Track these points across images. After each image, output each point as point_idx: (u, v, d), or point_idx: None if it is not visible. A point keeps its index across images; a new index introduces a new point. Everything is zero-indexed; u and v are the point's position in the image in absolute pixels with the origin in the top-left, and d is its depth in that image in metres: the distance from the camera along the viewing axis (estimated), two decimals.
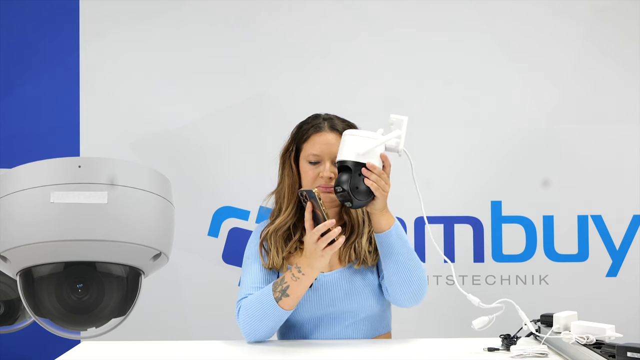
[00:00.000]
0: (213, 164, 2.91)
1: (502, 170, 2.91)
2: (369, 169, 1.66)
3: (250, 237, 1.92)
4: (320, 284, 1.81)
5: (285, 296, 1.70)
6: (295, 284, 1.70)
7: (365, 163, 1.65)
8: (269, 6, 2.93)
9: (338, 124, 1.86)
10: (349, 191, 1.66)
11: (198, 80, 2.92)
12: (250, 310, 1.74)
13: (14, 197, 2.03)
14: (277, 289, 1.72)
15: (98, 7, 2.92)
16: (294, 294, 1.70)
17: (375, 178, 1.66)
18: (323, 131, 1.84)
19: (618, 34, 2.92)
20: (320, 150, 1.82)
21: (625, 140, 2.91)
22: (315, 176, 1.82)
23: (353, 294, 1.81)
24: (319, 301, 1.81)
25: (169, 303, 2.87)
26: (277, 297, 1.71)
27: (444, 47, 2.92)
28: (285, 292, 1.70)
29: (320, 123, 1.86)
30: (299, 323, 1.84)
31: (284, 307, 1.71)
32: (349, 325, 1.82)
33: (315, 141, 1.83)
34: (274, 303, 1.71)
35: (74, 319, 2.11)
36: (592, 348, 1.52)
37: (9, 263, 2.08)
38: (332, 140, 1.82)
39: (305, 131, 1.86)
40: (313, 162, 1.83)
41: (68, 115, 2.90)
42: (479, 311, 1.68)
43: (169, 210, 2.20)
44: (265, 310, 1.72)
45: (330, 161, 1.81)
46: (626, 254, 2.88)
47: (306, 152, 1.84)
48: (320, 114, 1.92)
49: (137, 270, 2.16)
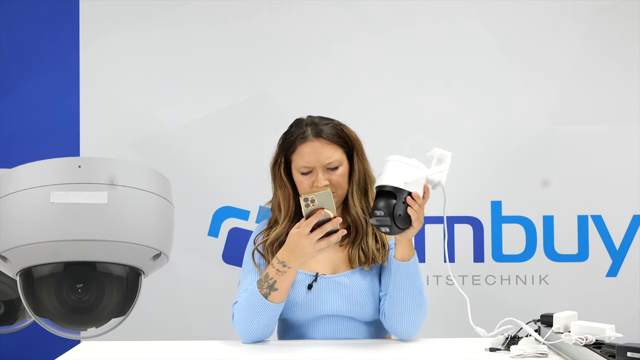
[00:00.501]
0: (213, 164, 2.91)
1: (502, 170, 2.91)
2: (414, 199, 1.62)
3: (250, 238, 1.92)
4: (323, 286, 1.80)
5: (273, 290, 1.70)
6: (281, 278, 1.69)
7: (410, 192, 1.62)
8: (269, 6, 2.93)
9: (322, 129, 1.82)
10: (390, 217, 1.62)
11: (198, 80, 2.92)
12: (241, 312, 1.74)
13: (14, 197, 2.03)
14: (263, 286, 1.71)
15: (98, 7, 2.92)
16: (282, 287, 1.70)
17: (417, 208, 1.62)
18: (309, 140, 1.80)
19: (618, 34, 2.92)
20: (309, 161, 1.79)
21: (625, 140, 2.91)
22: (310, 185, 1.80)
23: (354, 299, 1.80)
24: (319, 304, 1.80)
25: (168, 303, 2.87)
26: (265, 294, 1.70)
27: (444, 47, 2.92)
28: (272, 287, 1.70)
29: (305, 131, 1.82)
30: (297, 324, 1.84)
31: (274, 301, 1.71)
32: (347, 329, 1.82)
33: (303, 152, 1.80)
34: (263, 300, 1.70)
35: (74, 319, 2.10)
36: (592, 348, 1.52)
37: (9, 263, 2.08)
38: (319, 149, 1.79)
39: (292, 143, 1.83)
40: (305, 173, 1.81)
41: (68, 115, 2.90)
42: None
43: (169, 210, 2.20)
44: (256, 309, 1.71)
45: (321, 169, 1.79)
46: (626, 254, 2.88)
47: (297, 164, 1.82)
48: (303, 119, 1.88)
49: (137, 270, 2.15)
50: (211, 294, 2.88)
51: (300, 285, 1.80)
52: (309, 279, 1.81)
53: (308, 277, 1.81)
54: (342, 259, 1.84)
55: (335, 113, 2.03)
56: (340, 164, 1.81)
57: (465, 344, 1.69)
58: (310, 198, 1.62)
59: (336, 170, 1.81)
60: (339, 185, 1.81)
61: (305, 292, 1.80)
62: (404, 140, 2.84)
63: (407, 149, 1.72)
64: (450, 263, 2.89)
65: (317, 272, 1.82)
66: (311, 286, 1.80)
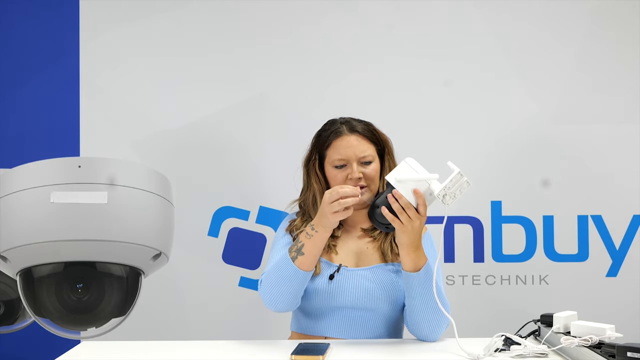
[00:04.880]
0: (213, 164, 2.91)
1: (502, 170, 2.91)
2: (394, 196, 1.66)
3: (282, 224, 1.99)
4: (344, 278, 1.84)
5: (300, 254, 1.74)
6: (309, 242, 1.75)
7: (393, 188, 1.66)
8: (269, 6, 2.93)
9: (356, 125, 1.91)
10: (371, 204, 1.71)
11: (198, 80, 2.92)
12: (269, 277, 1.79)
13: (14, 197, 2.03)
14: (292, 249, 1.77)
15: (98, 7, 2.92)
16: (309, 252, 1.75)
17: (397, 207, 1.66)
18: (343, 135, 1.88)
19: (618, 34, 2.92)
20: (345, 154, 1.86)
21: (625, 140, 2.91)
22: (344, 179, 1.86)
23: (373, 294, 1.83)
24: (338, 295, 1.83)
25: (168, 303, 2.88)
26: (293, 257, 1.75)
27: (444, 47, 2.92)
28: (300, 250, 1.75)
29: (339, 127, 1.90)
30: (315, 313, 1.87)
31: (300, 267, 1.75)
32: (362, 322, 1.84)
33: (338, 146, 1.88)
34: (291, 263, 1.75)
35: (74, 319, 2.10)
36: (592, 348, 1.52)
37: (9, 263, 2.07)
38: (354, 142, 1.87)
39: (326, 138, 1.91)
40: (339, 166, 1.87)
41: (68, 115, 2.90)
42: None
43: (169, 210, 2.19)
44: (283, 273, 1.76)
45: (356, 162, 1.86)
46: (626, 254, 2.89)
47: (331, 158, 1.89)
48: (336, 119, 1.96)
49: (137, 270, 2.15)
50: (211, 294, 2.88)
51: (323, 275, 1.85)
52: (332, 270, 1.85)
53: (331, 267, 1.86)
54: (370, 253, 1.89)
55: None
56: (373, 160, 1.89)
57: (465, 343, 1.69)
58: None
59: (370, 165, 1.88)
60: (372, 180, 1.88)
61: (327, 281, 1.84)
62: (404, 140, 2.82)
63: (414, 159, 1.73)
64: (451, 263, 2.89)
65: (340, 264, 1.86)
66: (333, 276, 1.84)
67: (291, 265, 1.75)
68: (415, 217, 1.66)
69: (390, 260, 1.87)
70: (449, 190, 1.63)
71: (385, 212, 1.66)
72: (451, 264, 2.88)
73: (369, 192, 1.88)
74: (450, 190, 1.63)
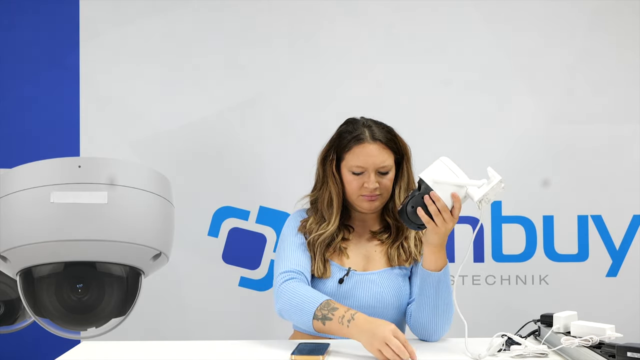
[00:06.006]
0: (213, 164, 2.91)
1: (502, 171, 2.89)
2: (432, 199, 1.63)
3: (288, 221, 1.95)
4: (354, 281, 1.85)
5: (322, 323, 1.69)
6: (336, 327, 1.67)
7: (431, 190, 1.63)
8: (269, 6, 2.93)
9: (378, 132, 1.86)
10: (403, 206, 1.66)
11: (198, 80, 2.92)
12: (290, 299, 1.74)
13: (14, 197, 2.03)
14: (323, 309, 1.69)
15: (98, 7, 2.92)
16: (329, 330, 1.69)
17: (433, 210, 1.63)
18: (365, 142, 1.85)
19: (618, 34, 2.92)
20: (364, 162, 1.84)
21: (625, 140, 2.91)
22: (359, 186, 1.85)
23: (381, 298, 1.84)
24: (347, 298, 1.84)
25: (168, 303, 2.88)
26: (316, 316, 1.69)
27: (444, 47, 2.92)
28: (325, 320, 1.69)
29: (362, 133, 1.86)
30: None
31: (314, 326, 1.71)
32: None
33: (359, 152, 1.85)
34: (310, 316, 1.70)
35: (74, 319, 2.10)
36: (592, 348, 1.52)
37: (9, 263, 2.08)
38: (374, 152, 1.84)
39: (347, 141, 1.87)
40: (357, 173, 1.85)
41: (68, 115, 2.90)
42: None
43: (169, 210, 2.19)
44: (300, 313, 1.72)
45: (374, 172, 1.84)
46: (626, 254, 2.89)
47: (349, 163, 1.86)
48: (358, 120, 1.92)
49: (137, 270, 2.15)
50: (211, 294, 2.88)
51: (333, 278, 1.85)
52: (342, 273, 1.86)
53: (341, 271, 1.86)
54: (377, 257, 1.89)
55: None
56: (391, 169, 1.87)
57: (466, 343, 1.69)
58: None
59: (387, 175, 1.87)
60: (386, 190, 1.87)
61: (336, 285, 1.85)
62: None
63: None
64: (450, 263, 2.88)
65: (349, 267, 1.87)
66: (342, 280, 1.84)
67: (309, 317, 1.69)
68: (449, 219, 1.65)
69: (397, 264, 1.88)
70: (486, 197, 1.62)
71: (421, 214, 1.64)
72: (451, 264, 2.87)
73: (381, 200, 1.88)
74: (488, 196, 1.63)
